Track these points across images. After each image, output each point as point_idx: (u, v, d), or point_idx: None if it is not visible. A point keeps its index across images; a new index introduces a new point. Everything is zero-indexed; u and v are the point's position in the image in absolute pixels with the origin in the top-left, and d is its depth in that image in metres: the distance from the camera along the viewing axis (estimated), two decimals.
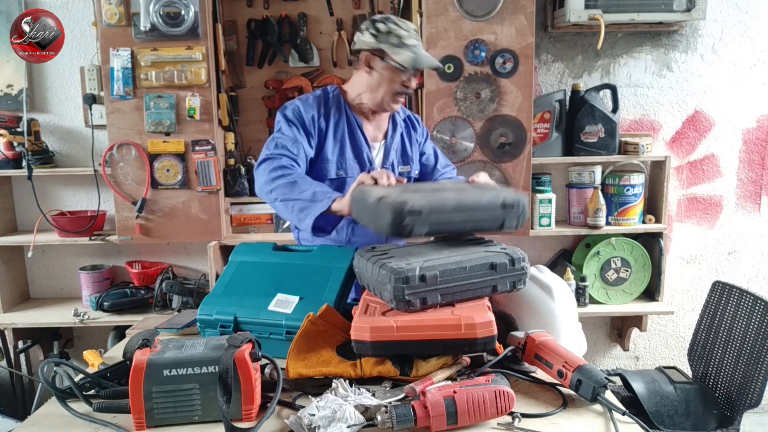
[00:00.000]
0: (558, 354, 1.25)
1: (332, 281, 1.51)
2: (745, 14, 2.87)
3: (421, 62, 1.78)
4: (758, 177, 3.02)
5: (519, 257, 1.32)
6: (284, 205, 1.65)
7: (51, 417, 1.20)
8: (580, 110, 2.76)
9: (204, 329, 1.52)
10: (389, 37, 1.78)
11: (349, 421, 1.06)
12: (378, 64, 1.80)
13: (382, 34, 1.78)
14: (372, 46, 1.79)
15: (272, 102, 2.84)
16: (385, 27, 1.78)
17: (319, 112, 1.85)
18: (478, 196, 1.38)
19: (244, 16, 2.79)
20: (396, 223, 1.27)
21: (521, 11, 2.54)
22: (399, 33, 1.78)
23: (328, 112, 1.86)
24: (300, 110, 1.82)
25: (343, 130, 1.87)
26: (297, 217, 1.62)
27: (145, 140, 2.62)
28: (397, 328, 1.22)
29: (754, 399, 1.93)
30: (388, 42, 1.77)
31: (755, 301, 2.02)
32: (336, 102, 1.88)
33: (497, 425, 1.11)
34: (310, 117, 1.82)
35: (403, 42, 1.77)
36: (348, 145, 1.87)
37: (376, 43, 1.78)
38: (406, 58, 1.76)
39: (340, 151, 1.86)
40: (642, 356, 3.19)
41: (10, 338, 2.81)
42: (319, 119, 1.84)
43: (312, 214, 1.58)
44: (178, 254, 3.02)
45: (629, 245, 2.83)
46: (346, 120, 1.88)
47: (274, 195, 1.66)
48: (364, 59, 1.81)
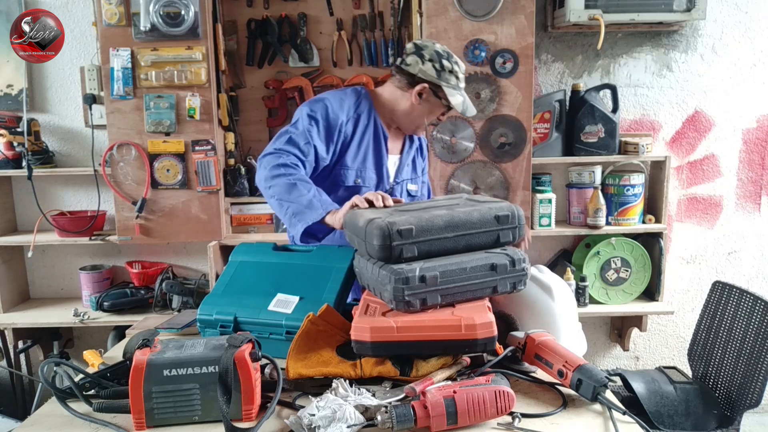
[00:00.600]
0: (558, 354, 1.25)
1: (332, 281, 1.51)
2: (745, 14, 2.87)
3: (468, 110, 1.84)
4: (758, 177, 3.02)
5: (519, 258, 1.31)
6: (279, 205, 1.62)
7: (51, 417, 1.20)
8: (580, 110, 2.76)
9: (204, 329, 1.52)
10: (450, 76, 1.80)
11: (349, 421, 1.06)
12: (431, 97, 1.82)
13: (445, 72, 1.79)
14: (433, 80, 1.79)
15: (272, 102, 2.84)
16: (449, 65, 1.79)
17: (348, 116, 1.80)
18: (470, 211, 1.32)
19: (244, 16, 2.79)
20: (384, 245, 1.24)
21: (521, 11, 2.54)
22: (459, 75, 1.82)
23: (358, 118, 1.82)
24: (328, 112, 1.76)
25: (369, 139, 1.83)
26: (289, 220, 1.60)
27: (145, 140, 2.62)
28: (397, 328, 1.22)
29: (754, 399, 1.93)
30: (448, 81, 1.80)
31: (755, 301, 2.02)
32: (367, 109, 1.84)
33: (497, 425, 1.11)
34: (339, 121, 1.77)
35: (458, 85, 1.82)
36: (371, 155, 1.84)
37: (437, 78, 1.79)
38: (459, 102, 1.81)
39: (362, 160, 1.82)
40: (642, 356, 3.19)
41: (10, 338, 2.81)
42: (346, 124, 1.79)
43: (304, 221, 1.56)
44: (178, 254, 3.02)
45: (629, 245, 2.82)
46: (374, 130, 1.84)
47: (272, 192, 1.63)
48: (419, 89, 1.80)
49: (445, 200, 1.48)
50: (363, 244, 1.31)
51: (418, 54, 1.79)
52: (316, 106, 1.77)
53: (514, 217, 1.34)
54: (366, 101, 1.85)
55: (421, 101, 1.81)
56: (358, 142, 1.81)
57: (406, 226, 1.25)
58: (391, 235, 1.24)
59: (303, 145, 1.70)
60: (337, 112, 1.77)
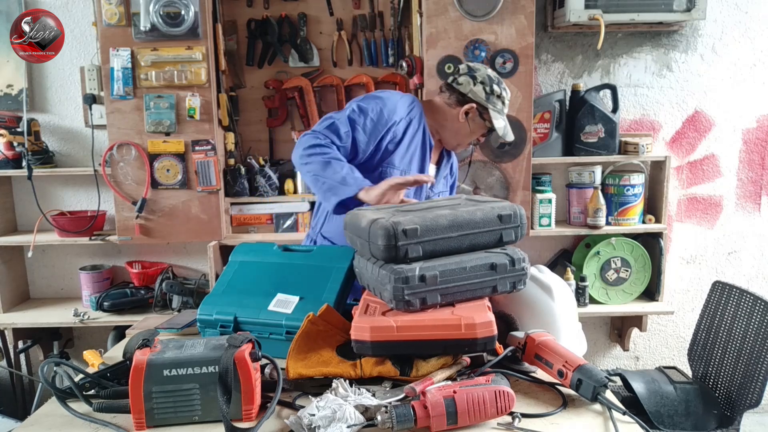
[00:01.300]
0: (558, 354, 1.25)
1: (332, 281, 1.51)
2: (745, 14, 2.87)
3: (508, 135, 1.92)
4: (758, 177, 3.02)
5: (519, 258, 1.31)
6: (315, 180, 1.68)
7: (51, 417, 1.20)
8: (580, 110, 2.76)
9: (204, 329, 1.52)
10: (497, 101, 1.87)
11: (349, 421, 1.06)
12: (476, 117, 1.89)
13: (493, 96, 1.87)
14: (481, 101, 1.87)
15: (272, 102, 2.84)
16: (498, 90, 1.86)
17: (401, 117, 1.83)
18: (473, 210, 1.33)
19: (244, 16, 2.79)
20: (389, 245, 1.24)
21: (521, 11, 2.54)
22: (505, 101, 1.90)
23: (410, 122, 1.85)
24: (382, 109, 1.80)
25: (417, 144, 1.87)
26: (324, 195, 1.67)
27: (145, 140, 2.62)
28: (397, 328, 1.22)
29: (754, 399, 1.93)
30: (494, 105, 1.87)
31: (755, 301, 2.02)
32: (419, 115, 1.88)
33: (497, 425, 1.11)
34: (392, 121, 1.80)
35: (503, 110, 1.90)
36: (417, 159, 1.88)
37: (486, 101, 1.87)
38: (501, 126, 1.88)
39: (408, 162, 1.86)
40: (642, 356, 3.19)
41: (10, 338, 2.81)
42: (398, 124, 1.82)
43: (339, 195, 1.63)
44: (178, 254, 3.02)
45: (629, 245, 2.83)
46: (422, 136, 1.88)
47: (308, 168, 1.69)
48: (467, 108, 1.87)
49: (445, 200, 1.48)
50: (366, 245, 1.31)
51: (470, 75, 1.88)
52: (370, 102, 1.82)
53: (517, 216, 1.35)
54: (418, 108, 1.90)
55: (466, 120, 1.89)
56: (407, 144, 1.85)
57: (411, 226, 1.25)
58: (396, 235, 1.24)
59: (342, 133, 1.75)
60: (392, 111, 1.82)
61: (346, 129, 1.76)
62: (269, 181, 2.77)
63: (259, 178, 2.75)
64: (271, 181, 2.77)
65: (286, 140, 2.88)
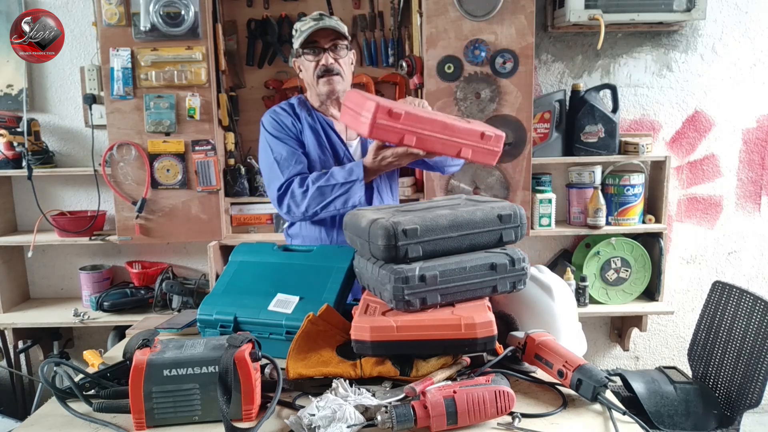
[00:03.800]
0: (558, 354, 1.25)
1: (332, 281, 1.51)
2: (745, 14, 2.87)
3: (304, 35, 1.83)
4: (758, 177, 3.02)
5: (519, 258, 1.31)
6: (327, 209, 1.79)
7: (51, 417, 1.20)
8: (580, 110, 2.76)
9: (204, 329, 1.52)
10: (295, 34, 1.89)
11: (349, 421, 1.06)
12: (298, 62, 1.93)
13: (294, 35, 1.90)
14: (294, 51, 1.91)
15: (272, 102, 2.84)
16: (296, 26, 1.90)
17: (292, 117, 1.93)
18: (473, 210, 1.34)
19: (244, 16, 2.79)
20: (389, 245, 1.24)
21: (521, 11, 2.54)
22: (297, 26, 1.89)
23: (299, 116, 1.93)
24: (278, 121, 1.91)
25: (317, 131, 1.92)
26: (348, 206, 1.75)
27: (145, 140, 2.62)
28: (397, 328, 1.22)
29: (754, 399, 1.93)
30: (294, 39, 1.89)
31: (755, 301, 2.02)
32: (304, 107, 1.95)
33: (497, 425, 1.11)
34: (290, 122, 1.91)
35: (300, 29, 1.87)
36: (326, 144, 1.92)
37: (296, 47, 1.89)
38: (299, 42, 1.87)
39: (320, 151, 1.90)
40: (642, 356, 3.20)
41: (10, 338, 2.81)
42: (295, 123, 1.92)
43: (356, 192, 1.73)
44: (178, 254, 3.02)
45: (629, 245, 2.83)
46: (318, 121, 1.93)
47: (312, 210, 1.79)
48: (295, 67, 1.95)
49: (445, 200, 1.48)
50: (366, 245, 1.31)
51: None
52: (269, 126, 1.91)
53: (517, 216, 1.35)
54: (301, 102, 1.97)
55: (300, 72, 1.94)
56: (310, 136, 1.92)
57: (411, 226, 1.25)
58: (396, 234, 1.24)
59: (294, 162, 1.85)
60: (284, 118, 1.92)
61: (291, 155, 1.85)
62: None
63: (259, 178, 2.76)
64: None
65: None
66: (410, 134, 1.51)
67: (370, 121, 1.48)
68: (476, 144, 1.61)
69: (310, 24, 1.84)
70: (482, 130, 1.62)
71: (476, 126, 1.65)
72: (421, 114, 1.54)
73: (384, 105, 1.47)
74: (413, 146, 1.54)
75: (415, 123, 1.52)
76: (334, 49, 1.86)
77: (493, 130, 1.65)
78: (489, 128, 1.66)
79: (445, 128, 1.56)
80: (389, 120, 1.49)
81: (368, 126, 1.49)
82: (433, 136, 1.56)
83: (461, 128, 1.59)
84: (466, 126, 1.61)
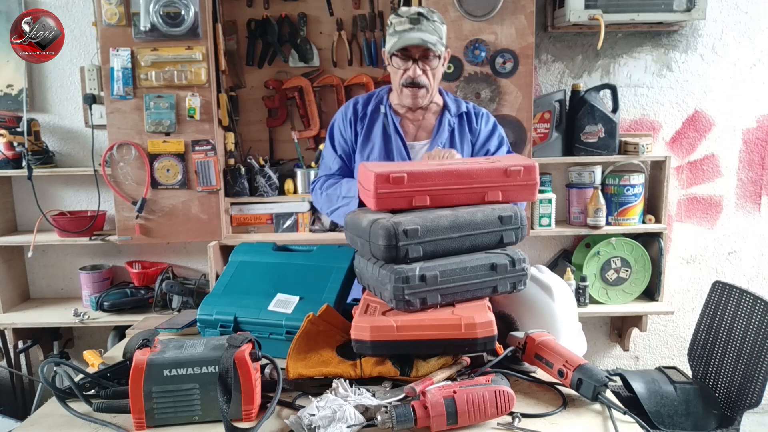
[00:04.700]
0: (558, 353, 1.25)
1: (332, 281, 1.51)
2: (745, 14, 2.87)
3: (397, 44, 1.71)
4: (758, 177, 3.02)
5: (519, 258, 1.32)
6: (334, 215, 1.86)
7: (51, 417, 1.20)
8: (580, 110, 2.76)
9: (204, 329, 1.52)
10: (389, 29, 1.77)
11: (349, 421, 1.06)
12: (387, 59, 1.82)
13: (388, 29, 1.78)
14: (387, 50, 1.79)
15: (272, 102, 2.84)
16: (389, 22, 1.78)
17: (356, 115, 1.90)
18: (473, 211, 1.32)
19: (244, 16, 2.79)
20: (390, 246, 1.24)
21: (521, 11, 2.54)
22: (392, 21, 1.75)
23: (365, 114, 1.89)
24: (334, 125, 1.94)
25: (378, 130, 1.87)
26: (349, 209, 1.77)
27: (145, 140, 2.62)
28: (397, 327, 1.22)
29: (754, 399, 1.93)
30: (388, 35, 1.77)
31: (755, 301, 2.02)
32: (377, 102, 1.89)
33: (497, 425, 1.12)
34: (342, 127, 1.92)
35: (395, 30, 1.73)
36: (389, 140, 1.85)
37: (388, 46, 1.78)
38: (390, 44, 1.74)
39: (371, 150, 1.87)
40: (642, 356, 3.19)
41: (10, 338, 2.81)
42: (355, 123, 1.90)
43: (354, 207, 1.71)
44: (178, 254, 3.02)
45: (629, 245, 2.83)
46: (384, 119, 1.87)
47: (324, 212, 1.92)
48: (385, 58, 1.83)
49: None
50: (366, 245, 1.31)
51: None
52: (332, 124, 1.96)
53: (517, 217, 1.35)
54: (379, 97, 1.92)
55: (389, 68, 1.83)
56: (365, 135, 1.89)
57: (411, 226, 1.25)
58: (397, 235, 1.24)
59: (332, 163, 1.94)
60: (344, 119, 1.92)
61: (331, 158, 1.94)
62: (269, 181, 2.77)
63: (259, 178, 2.76)
64: (271, 181, 2.77)
65: (286, 140, 2.88)
66: (420, 195, 1.35)
67: (373, 194, 1.34)
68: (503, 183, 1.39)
69: (406, 27, 1.70)
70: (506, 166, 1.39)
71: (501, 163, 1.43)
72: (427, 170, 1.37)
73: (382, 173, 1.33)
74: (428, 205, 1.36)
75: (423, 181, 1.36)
76: (425, 59, 1.73)
77: (521, 162, 1.41)
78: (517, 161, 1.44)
79: (459, 177, 1.38)
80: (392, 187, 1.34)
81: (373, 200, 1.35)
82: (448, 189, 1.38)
83: (479, 171, 1.39)
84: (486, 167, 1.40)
